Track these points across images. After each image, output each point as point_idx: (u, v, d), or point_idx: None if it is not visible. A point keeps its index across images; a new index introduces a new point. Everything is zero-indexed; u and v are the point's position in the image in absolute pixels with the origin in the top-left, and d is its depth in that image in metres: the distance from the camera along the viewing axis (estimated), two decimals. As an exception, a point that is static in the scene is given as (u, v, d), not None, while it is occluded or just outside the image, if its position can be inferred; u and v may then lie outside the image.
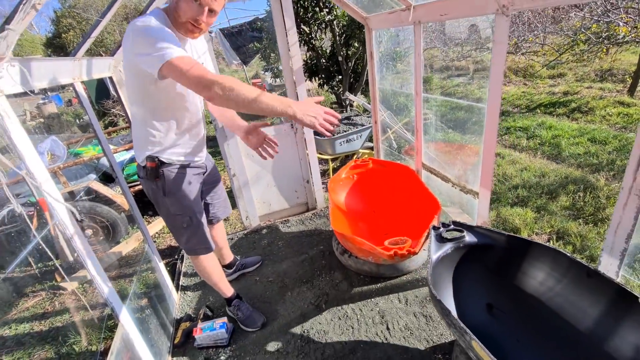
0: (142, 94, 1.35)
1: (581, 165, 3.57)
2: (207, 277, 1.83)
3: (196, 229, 1.62)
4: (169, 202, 1.53)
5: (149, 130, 1.43)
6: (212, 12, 1.27)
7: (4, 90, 1.02)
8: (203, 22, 1.26)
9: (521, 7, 1.34)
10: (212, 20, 1.30)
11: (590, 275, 1.34)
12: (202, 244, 1.68)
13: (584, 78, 7.22)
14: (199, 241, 1.66)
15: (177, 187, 1.52)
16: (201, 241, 1.67)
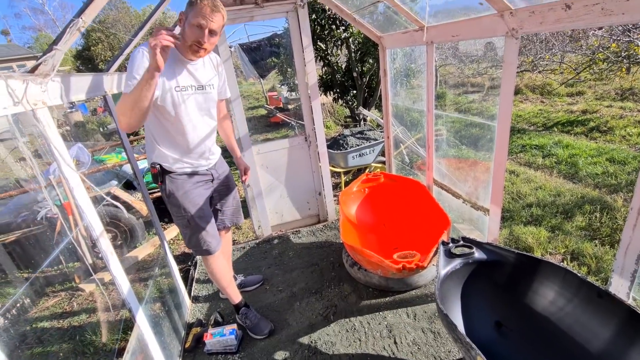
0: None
1: (599, 185, 3.50)
2: (217, 281, 1.91)
3: (194, 230, 1.71)
4: (171, 203, 1.68)
5: (153, 140, 1.60)
6: (212, 32, 1.44)
7: (47, 102, 1.13)
8: (205, 42, 1.43)
9: (530, 30, 1.38)
10: (214, 39, 1.47)
11: (601, 296, 1.32)
12: (201, 246, 1.75)
13: (604, 96, 7.09)
14: (198, 242, 1.75)
15: (176, 191, 1.65)
16: (200, 243, 1.74)
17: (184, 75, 1.54)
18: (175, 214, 1.71)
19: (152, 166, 1.63)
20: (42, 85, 1.10)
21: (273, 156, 2.88)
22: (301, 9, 2.49)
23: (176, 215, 1.71)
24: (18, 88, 1.00)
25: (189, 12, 1.41)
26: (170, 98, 1.49)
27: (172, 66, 1.48)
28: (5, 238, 3.09)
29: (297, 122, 6.05)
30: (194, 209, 1.69)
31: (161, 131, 1.58)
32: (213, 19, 1.40)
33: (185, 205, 1.66)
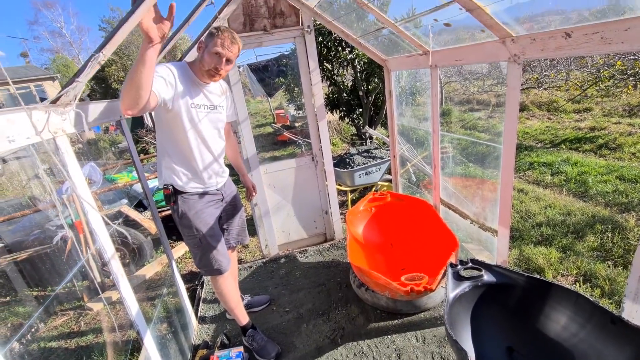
0: (159, 122, 1.60)
1: (609, 204, 3.45)
2: (225, 301, 1.91)
3: (205, 250, 1.74)
4: (182, 224, 1.71)
5: (166, 158, 1.65)
6: (228, 61, 1.57)
7: (66, 130, 1.19)
8: (222, 69, 1.57)
9: (532, 56, 1.42)
10: (229, 67, 1.60)
11: (615, 322, 1.29)
12: (212, 265, 1.77)
13: (611, 113, 7.07)
14: (209, 262, 1.77)
15: (188, 211, 1.69)
16: (211, 262, 1.77)
17: (200, 95, 1.64)
18: (186, 234, 1.74)
19: (165, 187, 1.67)
20: (62, 114, 1.16)
21: (280, 175, 2.92)
22: (308, 34, 2.58)
23: (187, 235, 1.74)
24: (41, 118, 1.05)
25: (209, 41, 1.53)
26: (187, 113, 1.57)
27: (188, 86, 1.57)
28: (17, 256, 3.14)
29: (304, 141, 6.14)
30: (205, 228, 1.72)
31: (175, 149, 1.63)
32: (231, 50, 1.54)
33: (197, 225, 1.69)
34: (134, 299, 1.41)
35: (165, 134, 1.61)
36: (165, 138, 1.62)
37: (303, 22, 2.56)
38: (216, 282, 1.85)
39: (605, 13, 1.41)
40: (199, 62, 1.57)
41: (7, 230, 3.61)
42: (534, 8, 1.70)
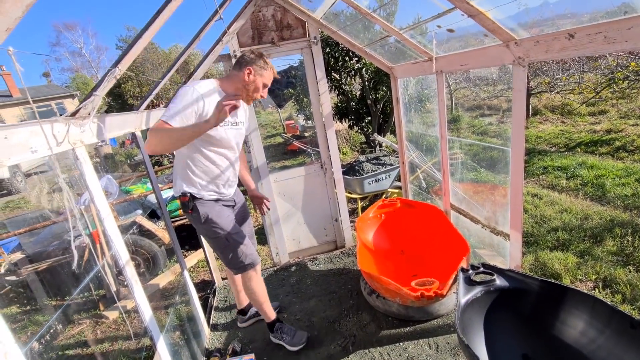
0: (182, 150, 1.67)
1: (629, 207, 3.34)
2: (256, 297, 1.95)
3: (234, 247, 1.79)
4: (206, 227, 1.76)
5: (184, 170, 1.70)
6: (265, 86, 1.73)
7: (84, 141, 1.25)
8: (264, 96, 1.75)
9: (536, 59, 1.42)
10: (265, 93, 1.75)
11: (635, 326, 1.25)
12: (244, 260, 1.82)
13: (628, 115, 6.88)
14: (240, 258, 1.81)
15: (209, 213, 1.74)
16: (242, 258, 1.82)
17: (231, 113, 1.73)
18: (212, 237, 1.78)
19: (183, 195, 1.71)
20: (81, 126, 1.22)
21: (290, 184, 2.95)
22: (314, 45, 2.64)
23: (213, 238, 1.78)
24: (61, 130, 1.12)
25: (257, 71, 1.64)
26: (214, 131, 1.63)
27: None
28: (37, 266, 3.25)
29: (313, 150, 6.19)
30: (230, 226, 1.78)
31: (196, 162, 1.69)
32: (271, 79, 1.72)
33: (221, 224, 1.75)
34: (147, 304, 1.44)
35: (188, 147, 1.64)
36: (187, 150, 1.66)
37: (310, 34, 2.63)
38: (249, 278, 1.89)
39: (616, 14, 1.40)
40: (243, 86, 1.66)
41: (29, 242, 3.75)
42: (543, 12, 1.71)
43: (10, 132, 0.89)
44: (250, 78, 1.64)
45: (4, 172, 9.00)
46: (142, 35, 1.19)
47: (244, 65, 1.64)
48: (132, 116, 1.79)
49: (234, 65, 1.71)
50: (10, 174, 9.18)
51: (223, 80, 1.69)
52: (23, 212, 7.11)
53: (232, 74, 1.68)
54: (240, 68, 1.65)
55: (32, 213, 5.88)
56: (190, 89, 1.52)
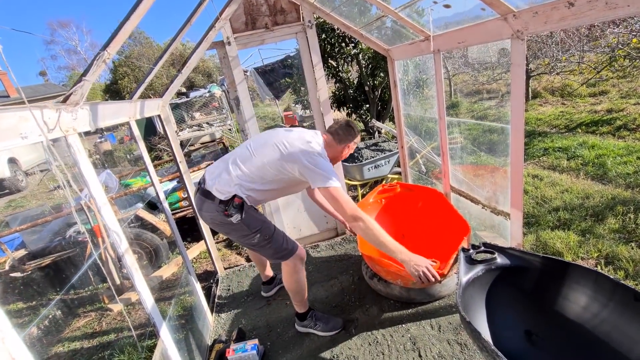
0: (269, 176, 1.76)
1: (631, 185, 3.32)
2: (299, 288, 1.94)
3: (278, 234, 1.86)
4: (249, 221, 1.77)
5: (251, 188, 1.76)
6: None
7: (77, 129, 1.23)
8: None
9: (535, 31, 1.38)
10: None
11: (638, 299, 1.25)
12: (289, 245, 1.88)
13: (629, 94, 6.80)
14: (286, 245, 1.87)
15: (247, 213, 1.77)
16: (288, 243, 1.88)
17: None
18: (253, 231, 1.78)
19: (238, 197, 1.73)
20: (72, 113, 1.20)
21: (289, 172, 2.93)
22: (309, 29, 2.59)
23: (255, 231, 1.78)
24: (52, 117, 1.09)
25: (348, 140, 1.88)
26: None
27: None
28: (41, 262, 3.26)
29: (312, 139, 6.14)
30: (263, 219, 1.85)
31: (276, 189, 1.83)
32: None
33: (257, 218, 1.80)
34: (149, 293, 1.44)
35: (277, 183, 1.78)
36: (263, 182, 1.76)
37: (304, 18, 2.57)
38: (295, 268, 1.89)
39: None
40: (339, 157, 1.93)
41: (33, 239, 3.76)
42: None
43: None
44: (345, 152, 1.92)
45: (5, 171, 8.99)
46: (130, 17, 1.16)
47: (343, 141, 1.87)
48: (126, 105, 1.76)
49: (333, 133, 1.88)
50: (11, 173, 9.18)
51: (326, 144, 1.84)
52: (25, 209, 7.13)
53: (332, 145, 1.87)
54: (339, 142, 1.87)
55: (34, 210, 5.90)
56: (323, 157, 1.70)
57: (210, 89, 10.09)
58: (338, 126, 1.88)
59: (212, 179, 1.80)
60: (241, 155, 1.80)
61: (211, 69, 21.29)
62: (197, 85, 17.23)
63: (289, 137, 1.76)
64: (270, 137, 1.80)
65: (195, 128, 9.02)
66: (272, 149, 1.73)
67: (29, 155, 10.37)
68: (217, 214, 1.74)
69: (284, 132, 1.82)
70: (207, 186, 1.79)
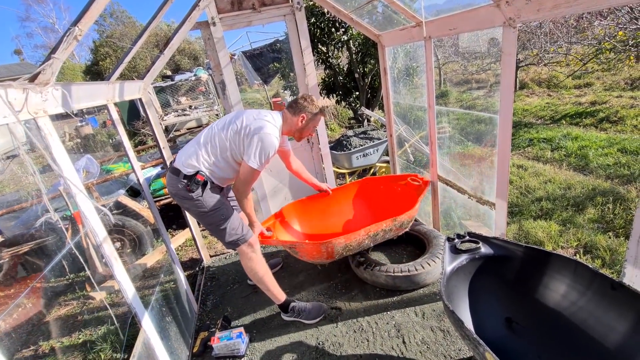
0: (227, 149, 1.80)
1: (610, 176, 3.41)
2: (259, 277, 1.95)
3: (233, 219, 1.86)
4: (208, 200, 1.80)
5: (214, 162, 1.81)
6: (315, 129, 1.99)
7: (48, 111, 1.15)
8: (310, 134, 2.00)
9: (527, 18, 1.36)
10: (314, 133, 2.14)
11: (615, 287, 1.28)
12: (242, 230, 1.88)
13: (613, 87, 6.95)
14: (237, 230, 1.87)
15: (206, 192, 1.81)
16: (242, 229, 1.88)
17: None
18: (210, 210, 1.81)
19: (201, 174, 1.77)
20: (42, 94, 1.12)
21: (276, 159, 2.88)
22: (298, 11, 2.50)
23: (212, 210, 1.81)
24: (18, 97, 1.02)
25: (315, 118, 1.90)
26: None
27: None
28: (18, 249, 3.15)
29: (301, 126, 6.07)
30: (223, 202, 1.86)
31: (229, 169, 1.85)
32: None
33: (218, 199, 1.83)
34: (129, 281, 1.40)
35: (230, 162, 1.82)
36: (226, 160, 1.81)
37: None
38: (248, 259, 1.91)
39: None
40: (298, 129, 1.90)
41: (9, 226, 3.62)
42: None
43: (-47, 95, 0.80)
44: (302, 124, 1.87)
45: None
46: (103, -10, 1.08)
47: (298, 112, 1.85)
48: (103, 86, 1.67)
49: (288, 108, 1.90)
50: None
51: (284, 120, 1.88)
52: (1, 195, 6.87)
53: (287, 118, 1.88)
54: (294, 113, 1.86)
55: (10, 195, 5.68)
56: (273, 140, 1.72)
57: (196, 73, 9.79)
58: (294, 99, 1.92)
59: (181, 156, 1.84)
60: (207, 135, 1.84)
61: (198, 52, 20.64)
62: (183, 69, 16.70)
63: (247, 116, 1.80)
64: (233, 116, 1.85)
65: (180, 113, 8.78)
66: (231, 127, 1.78)
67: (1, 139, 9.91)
68: (180, 188, 1.77)
69: (246, 112, 1.86)
70: (175, 163, 1.82)
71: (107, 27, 20.38)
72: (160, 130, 2.42)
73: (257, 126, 1.73)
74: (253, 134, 1.72)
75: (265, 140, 1.71)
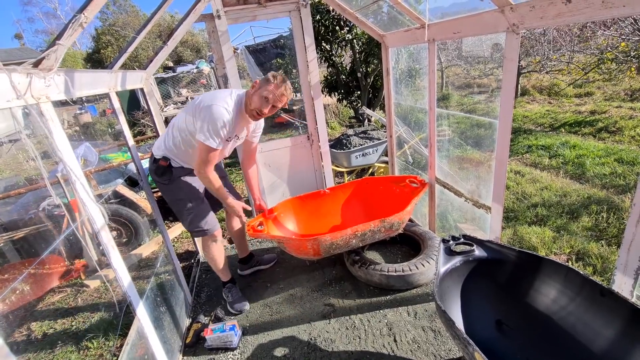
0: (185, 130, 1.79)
1: (606, 186, 3.45)
2: (215, 264, 2.11)
3: (195, 212, 1.91)
4: (172, 190, 1.87)
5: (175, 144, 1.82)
6: (274, 107, 1.75)
7: (50, 97, 1.15)
8: (265, 113, 1.75)
9: (530, 25, 1.37)
10: (273, 111, 1.78)
11: (604, 294, 1.30)
12: (202, 226, 1.95)
13: (613, 97, 6.99)
14: (199, 224, 1.93)
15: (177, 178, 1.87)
16: (201, 223, 1.94)
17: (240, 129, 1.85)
18: (176, 199, 1.88)
19: (164, 159, 1.82)
20: (45, 79, 1.12)
21: (276, 155, 2.89)
22: (304, 8, 2.50)
23: (178, 199, 1.87)
24: (22, 82, 1.02)
25: (262, 84, 1.71)
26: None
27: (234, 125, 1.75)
28: (13, 234, 3.15)
29: (300, 122, 6.07)
30: (192, 192, 1.89)
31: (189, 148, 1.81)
32: (280, 99, 1.72)
33: (185, 189, 1.86)
34: (125, 270, 1.41)
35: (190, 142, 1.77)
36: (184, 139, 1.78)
37: (298, -5, 2.48)
38: (207, 245, 2.02)
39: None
40: (249, 99, 1.75)
41: (5, 211, 3.61)
42: None
43: (-42, 77, 0.80)
44: (253, 90, 1.73)
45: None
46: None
47: (257, 90, 1.72)
48: (106, 75, 1.67)
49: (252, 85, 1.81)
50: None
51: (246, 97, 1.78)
52: None
53: (249, 94, 1.76)
54: (255, 91, 1.74)
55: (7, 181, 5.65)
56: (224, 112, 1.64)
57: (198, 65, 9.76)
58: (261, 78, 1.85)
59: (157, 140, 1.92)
60: (176, 119, 1.85)
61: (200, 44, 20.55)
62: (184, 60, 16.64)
63: (206, 95, 1.76)
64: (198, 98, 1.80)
65: (181, 104, 8.75)
66: (190, 107, 1.76)
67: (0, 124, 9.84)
68: (152, 172, 1.84)
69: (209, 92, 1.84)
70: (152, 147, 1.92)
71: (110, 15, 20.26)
72: (161, 121, 2.42)
73: (209, 100, 1.67)
74: (203, 108, 1.66)
75: (214, 111, 1.62)
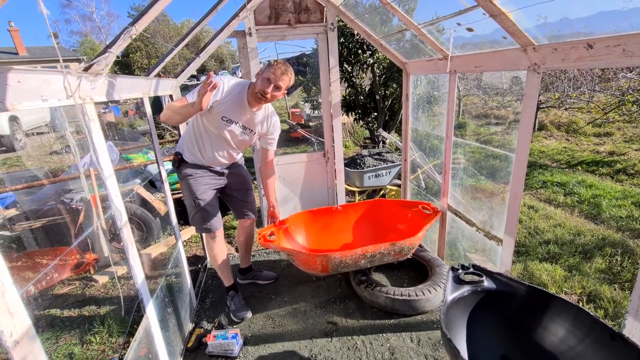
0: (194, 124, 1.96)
1: (622, 228, 3.38)
2: (214, 262, 2.19)
3: (199, 209, 2.00)
4: (184, 185, 2.01)
5: (186, 137, 2.01)
6: (277, 87, 1.79)
7: (94, 99, 1.25)
8: (268, 93, 1.78)
9: (551, 66, 1.42)
10: (277, 94, 1.81)
11: (614, 338, 1.28)
12: (203, 224, 2.04)
13: (633, 139, 6.89)
14: (200, 220, 2.03)
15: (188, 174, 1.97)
16: (202, 220, 2.03)
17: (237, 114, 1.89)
18: (187, 193, 2.01)
19: (176, 154, 1.98)
20: (92, 82, 1.21)
21: (291, 168, 2.96)
22: (331, 32, 2.62)
23: (189, 194, 2.00)
24: (72, 83, 1.11)
25: (264, 69, 1.80)
26: (215, 122, 1.87)
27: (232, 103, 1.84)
28: (32, 224, 3.26)
29: (317, 139, 6.18)
30: (200, 190, 1.98)
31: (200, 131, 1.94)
32: (281, 78, 1.76)
33: (194, 186, 1.97)
34: (140, 268, 1.46)
35: (198, 122, 1.92)
36: (197, 125, 1.93)
37: (327, 19, 2.61)
38: (208, 243, 2.14)
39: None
40: (253, 85, 1.84)
41: (26, 200, 3.75)
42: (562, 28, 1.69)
43: (24, 76, 0.89)
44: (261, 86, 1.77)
45: (5, 128, 8.92)
46: (162, -3, 1.18)
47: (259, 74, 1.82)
48: (142, 81, 1.78)
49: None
50: (11, 132, 9.12)
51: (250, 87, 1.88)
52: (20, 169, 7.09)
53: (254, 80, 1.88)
54: (257, 76, 1.84)
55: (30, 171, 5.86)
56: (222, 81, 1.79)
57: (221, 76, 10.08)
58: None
59: None
60: None
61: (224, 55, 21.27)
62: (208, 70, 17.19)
63: None
64: None
65: (201, 112, 8.99)
66: None
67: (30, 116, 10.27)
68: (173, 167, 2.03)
69: None
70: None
71: (143, 23, 21.19)
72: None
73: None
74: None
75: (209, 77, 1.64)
